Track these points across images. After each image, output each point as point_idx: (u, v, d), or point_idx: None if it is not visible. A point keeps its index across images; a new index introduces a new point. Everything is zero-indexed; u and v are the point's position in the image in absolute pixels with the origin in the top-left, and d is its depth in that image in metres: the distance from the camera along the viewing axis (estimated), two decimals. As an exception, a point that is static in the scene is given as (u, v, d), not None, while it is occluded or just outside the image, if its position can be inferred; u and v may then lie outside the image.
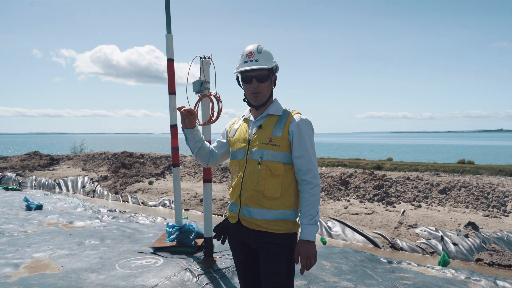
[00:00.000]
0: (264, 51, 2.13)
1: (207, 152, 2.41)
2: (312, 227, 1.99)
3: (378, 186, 10.35)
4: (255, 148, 2.10)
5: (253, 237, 2.10)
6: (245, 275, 2.26)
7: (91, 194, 13.75)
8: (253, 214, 2.08)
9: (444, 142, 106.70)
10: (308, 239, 1.97)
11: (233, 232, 2.22)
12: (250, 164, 2.11)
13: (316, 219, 2.00)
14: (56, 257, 4.67)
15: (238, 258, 2.27)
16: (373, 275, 4.36)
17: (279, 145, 2.06)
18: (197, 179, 14.40)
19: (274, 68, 2.16)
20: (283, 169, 2.06)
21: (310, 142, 2.07)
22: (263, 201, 2.06)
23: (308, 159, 2.04)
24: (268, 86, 2.15)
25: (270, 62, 2.14)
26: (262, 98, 2.14)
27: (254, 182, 2.07)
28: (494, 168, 15.03)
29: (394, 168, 15.94)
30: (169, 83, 4.85)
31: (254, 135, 2.14)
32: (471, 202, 8.90)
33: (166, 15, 4.79)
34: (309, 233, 1.98)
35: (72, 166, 18.90)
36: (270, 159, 2.06)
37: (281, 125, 2.09)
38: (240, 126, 2.28)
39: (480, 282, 4.38)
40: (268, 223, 2.05)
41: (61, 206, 9.05)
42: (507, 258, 6.55)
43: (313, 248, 1.98)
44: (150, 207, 11.57)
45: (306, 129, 2.07)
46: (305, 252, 1.97)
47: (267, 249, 2.07)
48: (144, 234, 5.98)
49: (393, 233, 7.72)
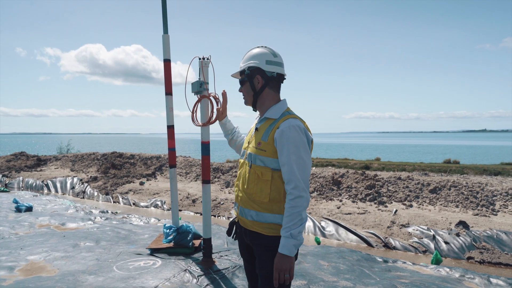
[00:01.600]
0: (247, 54, 2.14)
1: (239, 146, 2.50)
2: (288, 240, 1.87)
3: (370, 186, 10.46)
4: (249, 151, 2.12)
5: (248, 237, 2.14)
6: (250, 273, 2.30)
7: (80, 195, 13.56)
8: (246, 214, 2.11)
9: (430, 142, 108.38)
10: (283, 253, 1.87)
11: (238, 230, 2.28)
12: (244, 166, 2.14)
13: (293, 233, 1.86)
14: (51, 259, 4.60)
15: (243, 255, 2.31)
16: (371, 274, 4.41)
17: (266, 150, 2.01)
18: (188, 179, 14.33)
19: (245, 70, 2.12)
20: (270, 174, 1.99)
21: (295, 151, 1.90)
22: (253, 204, 2.06)
23: (289, 169, 1.90)
24: (246, 89, 2.15)
25: (244, 64, 2.13)
26: (247, 101, 2.19)
27: (246, 185, 2.09)
28: (479, 168, 15.37)
29: (382, 168, 16.14)
30: (166, 84, 4.83)
31: (252, 137, 2.16)
32: (461, 202, 9.06)
33: (163, 15, 4.76)
34: (283, 246, 1.87)
35: (60, 166, 18.60)
36: (258, 164, 2.03)
37: (269, 130, 2.03)
38: (252, 126, 2.32)
39: (474, 280, 4.47)
40: (257, 224, 2.05)
41: (51, 208, 8.91)
42: (497, 256, 6.70)
43: (288, 262, 1.87)
44: (142, 208, 11.47)
45: (291, 136, 1.91)
46: (277, 265, 1.88)
47: (258, 251, 2.08)
48: (139, 235, 5.93)
49: (386, 232, 7.82)
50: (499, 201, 8.91)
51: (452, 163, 18.69)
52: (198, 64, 4.20)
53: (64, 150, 26.70)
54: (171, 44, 4.78)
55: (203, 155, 4.30)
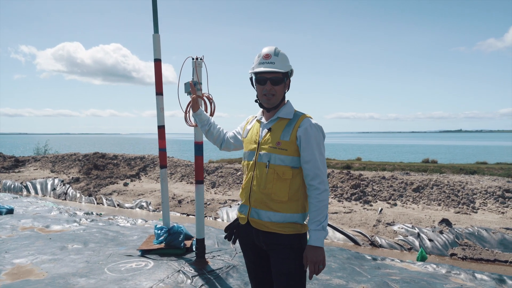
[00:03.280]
0: (281, 54, 2.14)
1: (216, 137, 2.54)
2: (320, 232, 1.98)
3: (355, 186, 10.63)
4: (264, 151, 2.11)
5: (263, 238, 2.12)
6: (255, 275, 2.28)
7: (62, 197, 13.26)
8: (262, 216, 2.10)
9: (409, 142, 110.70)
10: (316, 245, 1.98)
11: (243, 233, 2.24)
12: (258, 166, 2.12)
13: (324, 225, 1.99)
14: (38, 262, 4.49)
15: (248, 258, 2.29)
16: (362, 272, 4.49)
17: (287, 149, 2.06)
18: (173, 180, 14.21)
19: (289, 72, 2.17)
20: (291, 173, 2.06)
21: (318, 148, 2.04)
22: (271, 203, 2.07)
23: (315, 165, 2.02)
24: (281, 89, 2.15)
25: (286, 65, 2.15)
26: (274, 101, 2.14)
27: (262, 185, 2.08)
28: (455, 167, 15.85)
29: (363, 167, 16.41)
30: (156, 84, 4.80)
31: (264, 137, 2.14)
32: (443, 200, 9.32)
33: (153, 15, 4.73)
34: (317, 239, 1.98)
35: (39, 168, 18.12)
36: (277, 163, 2.06)
37: (289, 129, 2.08)
38: (252, 127, 2.29)
39: (460, 276, 4.61)
40: (276, 225, 2.07)
41: (33, 210, 8.67)
42: (478, 252, 6.92)
43: (321, 253, 1.98)
44: (127, 209, 11.31)
45: (314, 134, 2.05)
46: (313, 257, 1.97)
47: (277, 250, 2.09)
48: (128, 237, 5.85)
49: (372, 231, 7.97)
50: (479, 199, 9.21)
51: (430, 163, 19.18)
52: (192, 64, 4.19)
53: (41, 151, 25.99)
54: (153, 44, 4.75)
55: (196, 155, 4.29)
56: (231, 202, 10.72)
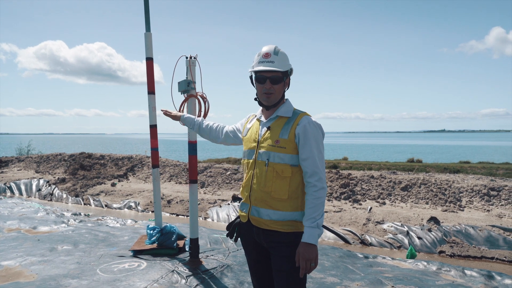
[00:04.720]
0: (281, 53, 2.15)
1: (208, 134, 2.59)
2: (314, 230, 1.98)
3: (344, 185, 10.72)
4: (263, 150, 2.12)
5: (263, 236, 2.14)
6: (257, 272, 2.29)
7: (48, 198, 13.00)
8: (262, 214, 2.11)
9: (394, 142, 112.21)
10: (309, 242, 1.97)
11: (245, 231, 2.26)
12: (258, 165, 2.13)
13: (319, 222, 1.99)
14: (27, 264, 4.39)
15: (250, 256, 2.30)
16: (355, 270, 4.53)
17: (286, 147, 2.07)
18: (162, 180, 14.07)
19: (289, 71, 2.19)
20: (290, 171, 2.07)
21: (316, 145, 2.05)
22: (271, 202, 2.09)
23: (313, 162, 2.03)
24: (281, 88, 2.17)
25: (285, 65, 2.16)
26: (273, 99, 2.16)
27: (262, 183, 2.09)
28: (440, 166, 16.17)
29: (350, 167, 16.56)
30: (148, 83, 4.75)
31: (263, 136, 2.16)
32: (431, 198, 9.48)
33: (145, 13, 4.68)
34: (310, 236, 1.97)
35: (23, 168, 17.73)
36: (276, 161, 2.07)
37: (288, 127, 2.10)
38: (252, 126, 2.30)
39: (450, 272, 4.70)
40: (275, 223, 2.08)
41: (19, 211, 8.48)
42: (465, 249, 7.06)
43: (313, 251, 1.97)
44: (115, 210, 11.16)
45: (313, 132, 2.06)
46: (305, 254, 1.96)
47: (277, 248, 2.10)
48: (119, 237, 5.78)
49: (362, 229, 8.05)
50: (465, 197, 9.40)
51: (415, 162, 19.51)
52: (186, 63, 4.16)
53: (24, 151, 25.38)
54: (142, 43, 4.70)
55: (190, 155, 4.26)
56: (221, 202, 10.68)
